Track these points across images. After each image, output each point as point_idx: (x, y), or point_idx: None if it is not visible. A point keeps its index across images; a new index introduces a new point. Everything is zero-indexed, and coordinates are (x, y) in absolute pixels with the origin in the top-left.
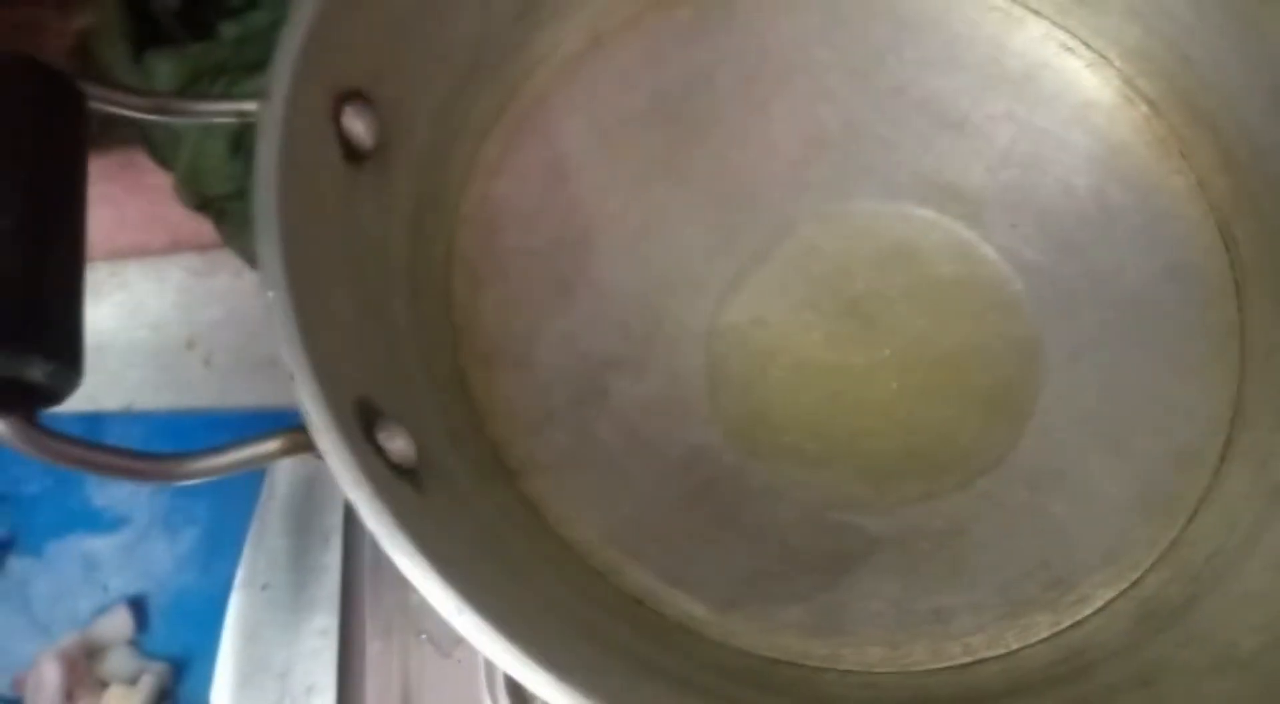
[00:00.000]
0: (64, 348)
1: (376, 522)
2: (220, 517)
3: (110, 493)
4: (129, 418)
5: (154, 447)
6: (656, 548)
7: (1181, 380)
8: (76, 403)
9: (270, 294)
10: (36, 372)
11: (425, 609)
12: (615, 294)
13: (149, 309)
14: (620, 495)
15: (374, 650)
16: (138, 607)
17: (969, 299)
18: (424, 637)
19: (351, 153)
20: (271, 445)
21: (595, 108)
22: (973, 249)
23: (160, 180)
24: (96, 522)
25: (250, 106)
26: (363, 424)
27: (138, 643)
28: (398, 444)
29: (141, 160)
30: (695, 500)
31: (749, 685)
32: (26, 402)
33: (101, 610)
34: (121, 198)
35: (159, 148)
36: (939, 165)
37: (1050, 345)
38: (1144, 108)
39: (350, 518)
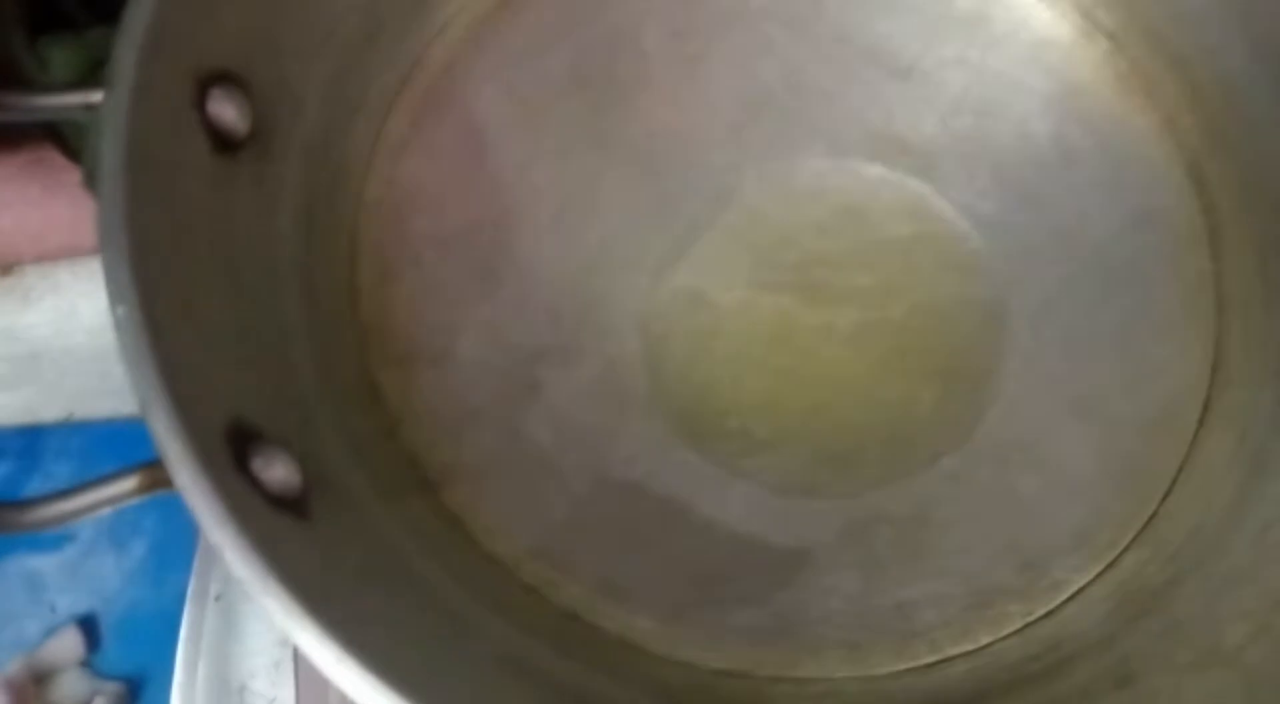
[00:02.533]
0: None
1: (242, 563)
2: (169, 527)
3: None
4: (69, 429)
5: (97, 457)
6: (594, 555)
7: (1154, 337)
8: (14, 415)
9: (119, 310)
10: None
11: None
12: (542, 277)
13: (84, 313)
14: (554, 499)
15: None
16: (88, 626)
17: (925, 260)
18: None
19: (222, 142)
20: (128, 484)
21: (510, 74)
22: (926, 205)
23: (78, 177)
24: (40, 540)
25: (97, 97)
26: (234, 452)
27: (90, 664)
28: (277, 472)
29: (55, 157)
30: (637, 498)
31: None
32: None
33: (50, 632)
34: (42, 198)
35: (66, 142)
36: (888, 117)
37: (1013, 306)
38: (1104, 43)
39: None
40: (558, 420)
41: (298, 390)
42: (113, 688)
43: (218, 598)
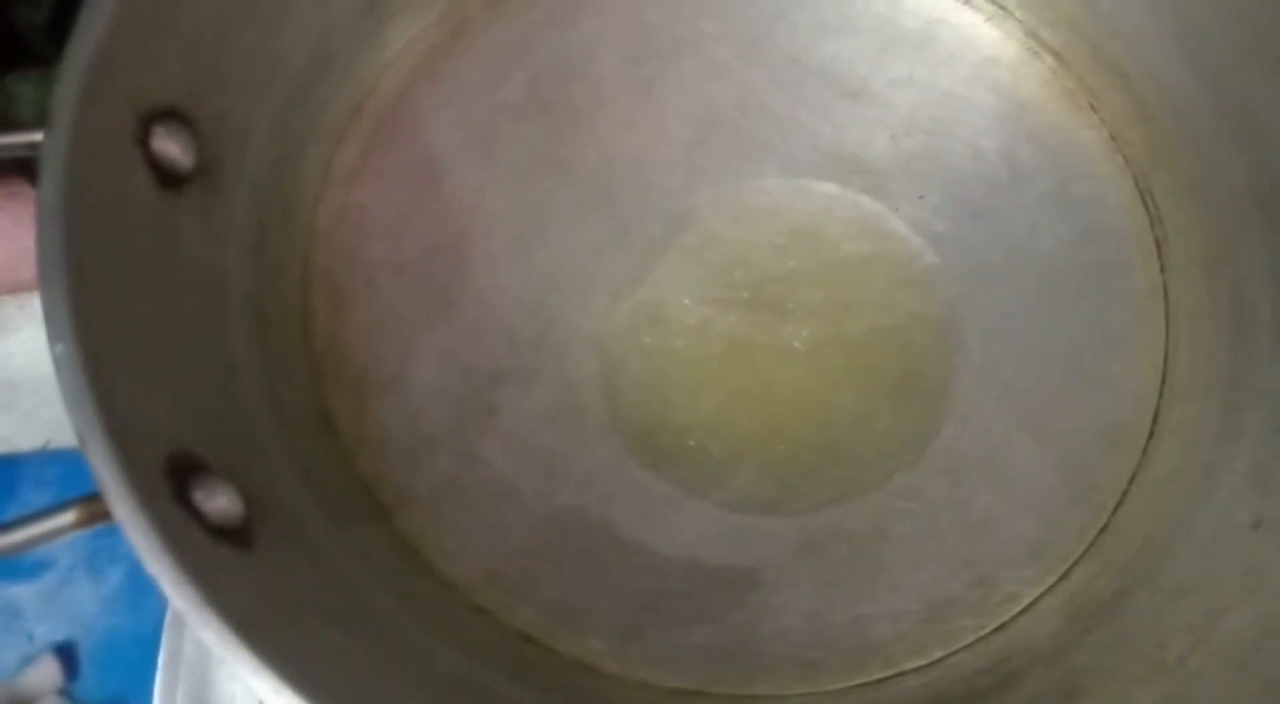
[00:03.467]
0: None
1: (179, 596)
2: None
3: None
4: (44, 457)
5: (72, 485)
6: (550, 578)
7: (1105, 352)
8: None
9: (58, 348)
10: None
11: None
12: (499, 301)
13: None
14: (510, 523)
15: None
16: (66, 654)
17: (879, 278)
18: None
19: (167, 178)
20: (66, 518)
21: (464, 101)
22: (880, 224)
23: None
24: (16, 569)
25: (39, 137)
26: (175, 484)
27: (68, 692)
28: (218, 502)
29: (26, 189)
30: (593, 520)
31: None
32: None
33: (27, 661)
34: (13, 230)
35: (34, 174)
36: (839, 137)
37: (966, 322)
38: (1049, 60)
39: None
40: (514, 444)
41: (246, 421)
42: None
43: None
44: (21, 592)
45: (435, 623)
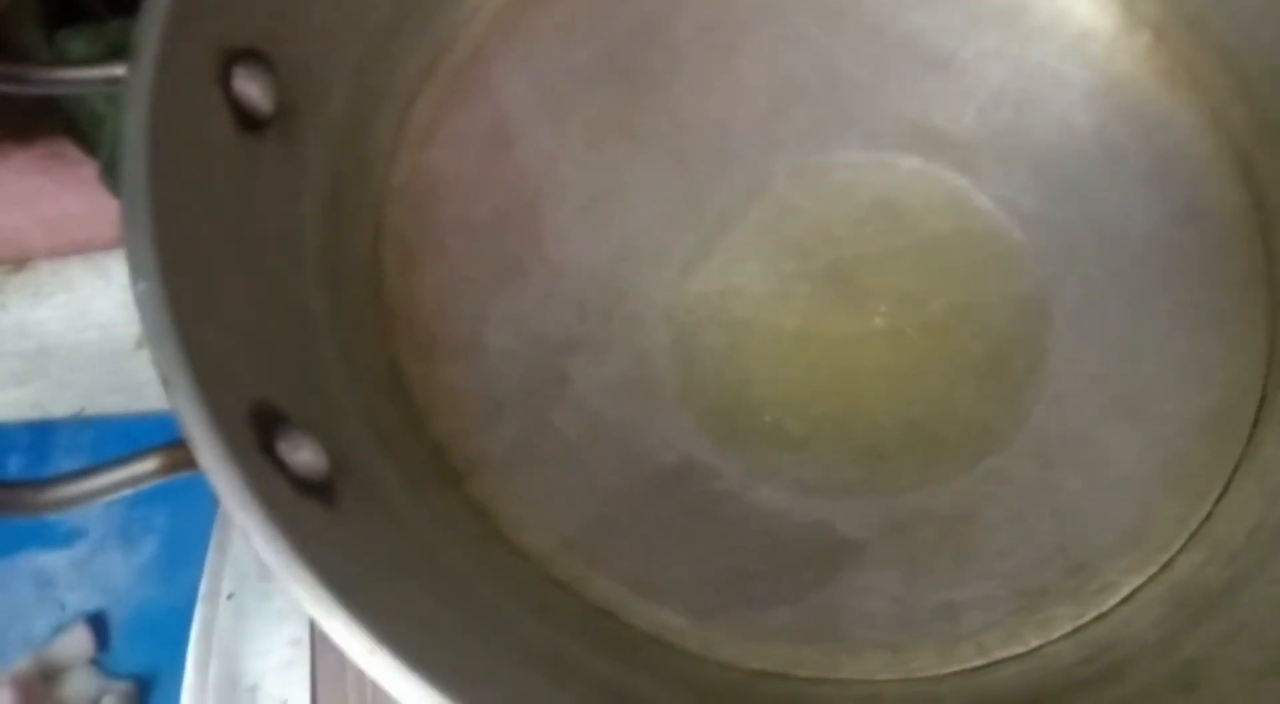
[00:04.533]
0: None
1: (269, 549)
2: (181, 524)
3: None
4: (79, 424)
5: (107, 452)
6: (625, 551)
7: (1205, 336)
8: (24, 411)
9: (140, 286)
10: None
11: None
12: (570, 269)
13: (95, 309)
14: (582, 493)
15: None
16: (97, 624)
17: (964, 255)
18: None
19: (247, 121)
20: (149, 464)
21: (539, 63)
22: (965, 200)
23: (95, 171)
24: (49, 536)
25: (120, 71)
26: (259, 434)
27: (99, 662)
28: (303, 455)
29: (71, 151)
30: (667, 495)
31: None
32: None
33: (59, 630)
34: (56, 192)
35: (84, 135)
36: (925, 110)
37: (1055, 303)
38: (1146, 35)
39: None
40: (586, 413)
41: (322, 376)
42: (122, 687)
43: (230, 597)
44: (54, 559)
45: (513, 592)
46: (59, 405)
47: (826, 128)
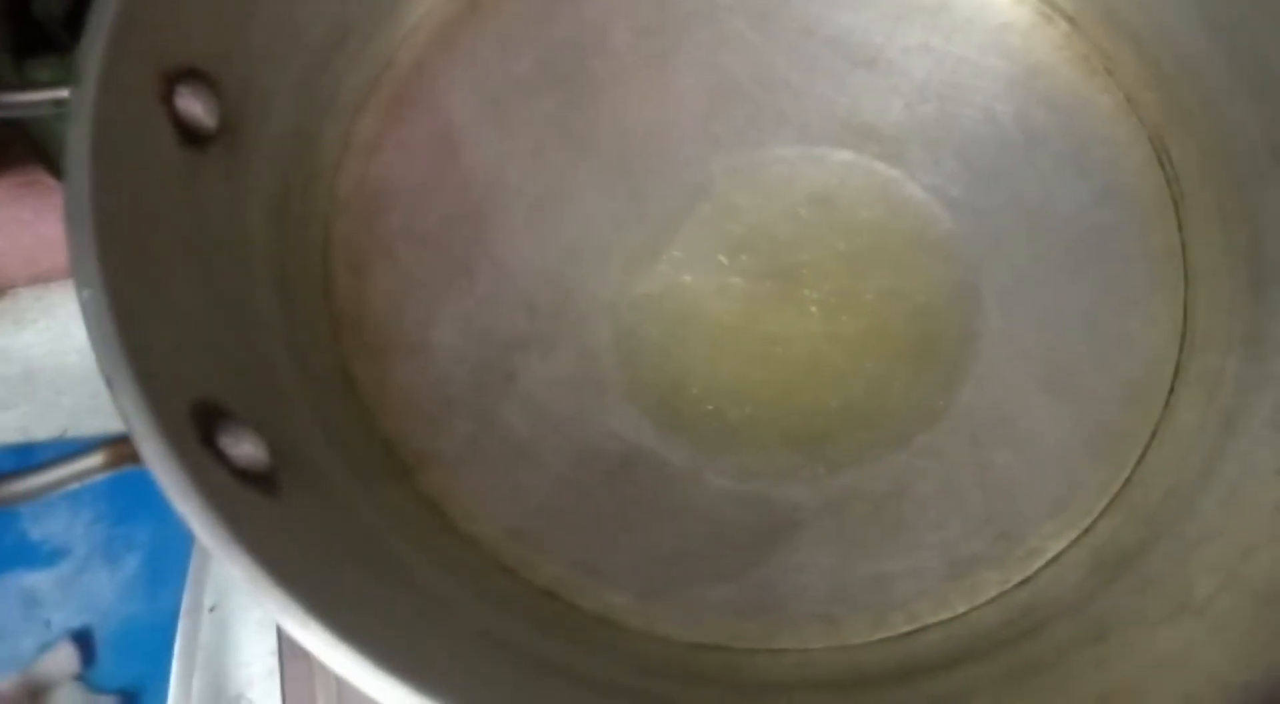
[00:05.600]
0: None
1: (207, 532)
2: (162, 540)
3: (46, 525)
4: (62, 445)
5: None
6: (571, 537)
7: (1124, 310)
8: (7, 434)
9: (85, 293)
10: None
11: None
12: (518, 270)
13: (76, 333)
14: (530, 484)
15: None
16: (83, 640)
17: (895, 244)
18: None
19: (191, 136)
20: (95, 459)
21: (480, 74)
22: (896, 190)
23: None
24: (34, 556)
25: (64, 93)
26: (201, 429)
27: (85, 678)
28: (244, 449)
29: (45, 179)
30: (613, 483)
31: (672, 679)
32: None
33: (45, 647)
34: (31, 220)
35: (53, 161)
36: (854, 105)
37: (983, 286)
38: (1063, 25)
39: None
40: (534, 408)
41: (270, 376)
42: (108, 701)
43: (212, 609)
44: (39, 579)
45: (462, 577)
46: (43, 428)
47: (761, 126)
